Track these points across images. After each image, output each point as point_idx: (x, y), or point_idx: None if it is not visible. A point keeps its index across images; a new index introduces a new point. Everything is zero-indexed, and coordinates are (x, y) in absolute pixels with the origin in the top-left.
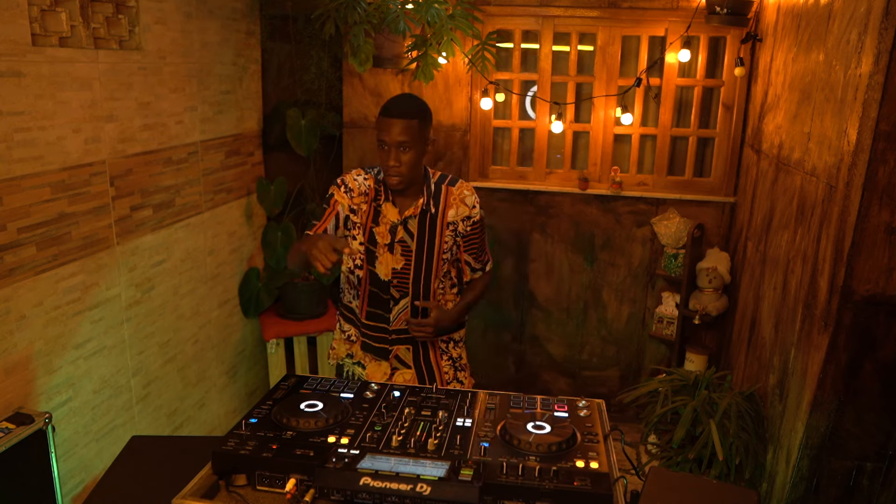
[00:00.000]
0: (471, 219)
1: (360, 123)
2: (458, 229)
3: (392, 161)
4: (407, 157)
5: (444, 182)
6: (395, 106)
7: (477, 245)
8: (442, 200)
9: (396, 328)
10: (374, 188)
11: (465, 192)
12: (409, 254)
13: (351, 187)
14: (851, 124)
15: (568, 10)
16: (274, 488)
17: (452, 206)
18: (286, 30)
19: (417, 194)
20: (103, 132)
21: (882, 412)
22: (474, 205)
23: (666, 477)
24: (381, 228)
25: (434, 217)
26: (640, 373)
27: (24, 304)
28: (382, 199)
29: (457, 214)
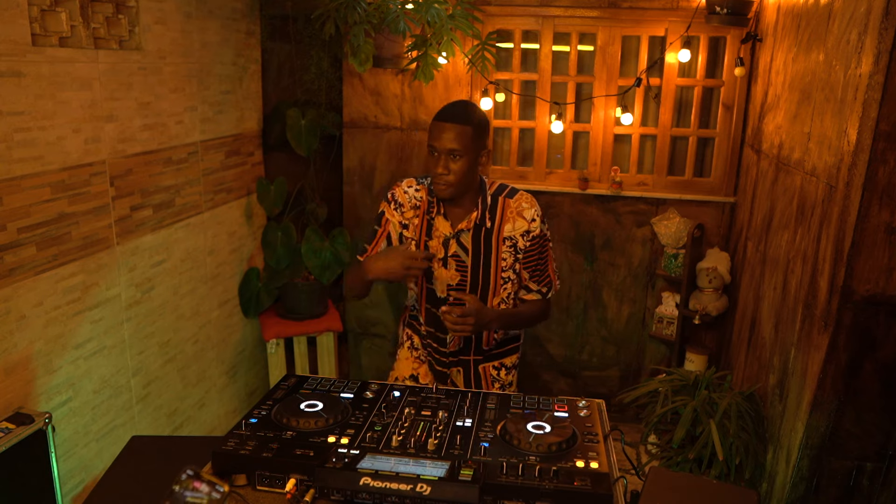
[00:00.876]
0: (530, 233)
1: (360, 123)
2: (517, 245)
3: (441, 168)
4: (457, 165)
5: (501, 193)
6: (449, 111)
7: (533, 263)
8: (498, 214)
9: (454, 350)
10: (427, 199)
11: (524, 204)
12: (465, 269)
13: (401, 201)
14: (851, 124)
15: (568, 10)
16: (274, 488)
17: (510, 219)
18: (286, 30)
19: (471, 207)
20: (103, 132)
21: (882, 412)
22: (534, 218)
23: (666, 477)
24: (435, 242)
25: (490, 231)
26: (640, 373)
27: (24, 304)
28: (435, 212)
29: (514, 229)
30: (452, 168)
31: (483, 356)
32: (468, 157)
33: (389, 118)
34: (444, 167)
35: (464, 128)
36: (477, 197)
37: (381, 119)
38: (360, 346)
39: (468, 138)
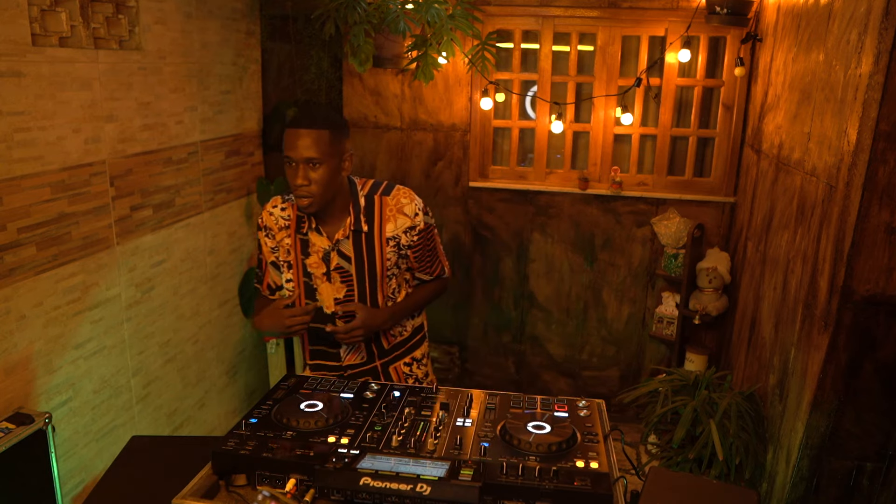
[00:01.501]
0: (415, 228)
1: (360, 123)
2: (400, 243)
3: (300, 179)
4: (318, 173)
5: (376, 192)
6: (302, 116)
7: (420, 254)
8: (376, 214)
9: (351, 363)
10: (296, 216)
11: (403, 199)
12: (350, 279)
13: (268, 225)
14: (851, 124)
15: (568, 10)
16: (274, 488)
17: (390, 218)
18: (286, 30)
19: (344, 213)
20: (103, 132)
21: (882, 412)
22: (416, 212)
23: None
24: (313, 259)
25: (370, 235)
26: (640, 373)
27: (24, 304)
28: (307, 228)
29: (396, 227)
30: (313, 177)
31: (388, 356)
32: (329, 164)
33: (389, 118)
34: (304, 177)
35: (320, 132)
36: (348, 202)
37: (381, 119)
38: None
39: (326, 143)
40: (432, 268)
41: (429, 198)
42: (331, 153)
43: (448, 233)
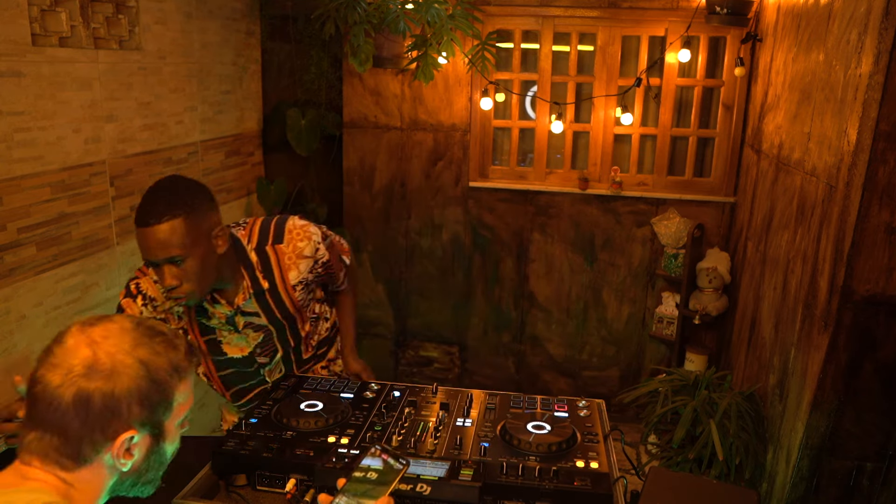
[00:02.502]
0: (318, 262)
1: (360, 123)
2: (308, 281)
3: (169, 281)
4: (185, 268)
5: (267, 243)
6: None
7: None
8: (274, 267)
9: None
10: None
11: (300, 244)
12: (264, 327)
13: (152, 296)
14: (851, 124)
15: (568, 10)
16: (274, 488)
17: (291, 267)
18: (286, 30)
19: (238, 276)
20: (103, 132)
21: (882, 412)
22: (316, 248)
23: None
24: (215, 321)
25: (273, 290)
26: (640, 373)
27: (24, 304)
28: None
29: (301, 272)
30: (182, 275)
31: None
32: (195, 253)
33: (389, 118)
34: (172, 277)
35: (171, 225)
36: (238, 266)
37: (381, 119)
38: (360, 346)
39: (183, 234)
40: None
41: (429, 198)
42: (193, 241)
43: (448, 233)
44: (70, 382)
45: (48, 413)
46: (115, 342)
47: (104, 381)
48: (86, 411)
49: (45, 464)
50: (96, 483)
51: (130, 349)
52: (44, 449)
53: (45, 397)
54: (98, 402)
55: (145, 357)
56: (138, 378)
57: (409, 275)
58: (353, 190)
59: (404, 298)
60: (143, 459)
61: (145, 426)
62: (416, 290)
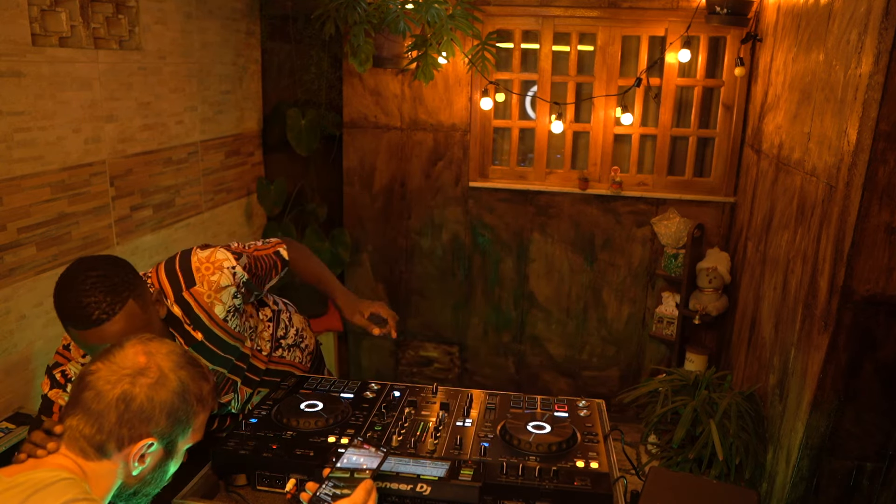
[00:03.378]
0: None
1: (360, 123)
2: (238, 306)
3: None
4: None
5: (181, 290)
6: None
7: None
8: (199, 312)
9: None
10: None
11: (212, 278)
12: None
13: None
14: (851, 124)
15: (568, 10)
16: (274, 488)
17: (214, 303)
18: (286, 30)
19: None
20: (103, 132)
21: (882, 412)
22: (233, 273)
23: (666, 477)
24: None
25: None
26: (640, 373)
27: (24, 304)
28: None
29: (225, 304)
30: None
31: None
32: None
33: (389, 118)
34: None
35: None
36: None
37: (381, 119)
38: (360, 346)
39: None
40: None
41: (429, 198)
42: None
43: (448, 233)
44: (119, 380)
45: (93, 402)
46: (166, 357)
47: (149, 387)
48: (125, 409)
49: (70, 449)
50: (106, 480)
51: (175, 368)
52: (74, 435)
53: (94, 388)
54: (137, 404)
55: (185, 378)
56: (175, 393)
57: (409, 275)
58: (353, 190)
59: (404, 298)
60: (151, 470)
61: (164, 439)
62: (416, 290)
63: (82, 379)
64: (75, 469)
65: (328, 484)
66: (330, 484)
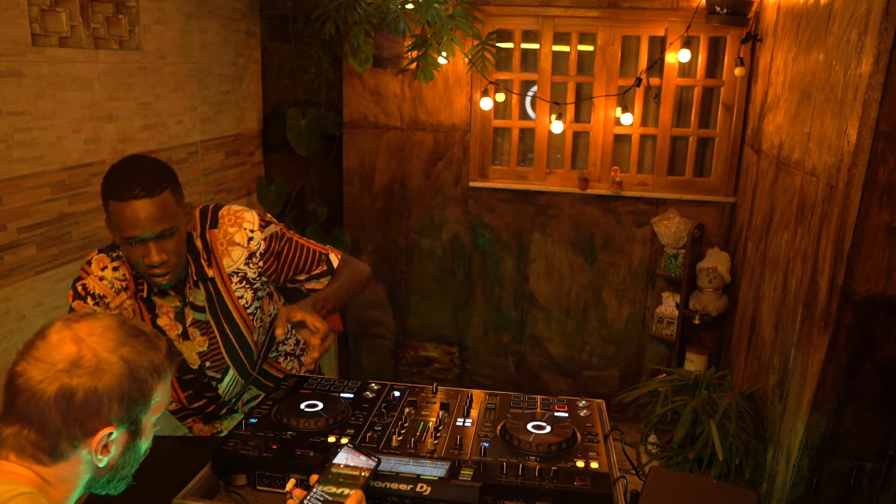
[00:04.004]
0: (255, 254)
1: (360, 123)
2: (247, 276)
3: (155, 257)
4: (172, 243)
5: (206, 229)
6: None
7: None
8: (212, 254)
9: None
10: (132, 276)
11: (230, 229)
12: (210, 330)
13: (101, 293)
14: (851, 124)
15: (568, 10)
16: (274, 488)
17: (225, 254)
18: (286, 30)
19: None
20: (103, 132)
21: (882, 412)
22: (250, 236)
23: (666, 477)
24: (165, 320)
25: (214, 279)
26: (640, 373)
27: (24, 304)
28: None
29: (234, 261)
30: (169, 248)
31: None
32: (181, 227)
33: (389, 118)
34: (160, 252)
35: (163, 197)
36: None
37: (381, 119)
38: (361, 346)
39: (172, 206)
40: (310, 263)
41: (429, 198)
42: (179, 213)
43: (448, 233)
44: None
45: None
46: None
47: (88, 377)
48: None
49: (21, 458)
50: (71, 479)
51: (115, 347)
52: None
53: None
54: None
55: (128, 356)
56: (121, 376)
57: (409, 275)
58: (353, 190)
59: (404, 298)
60: (120, 456)
61: (123, 423)
62: (416, 290)
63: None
64: (33, 478)
65: (316, 491)
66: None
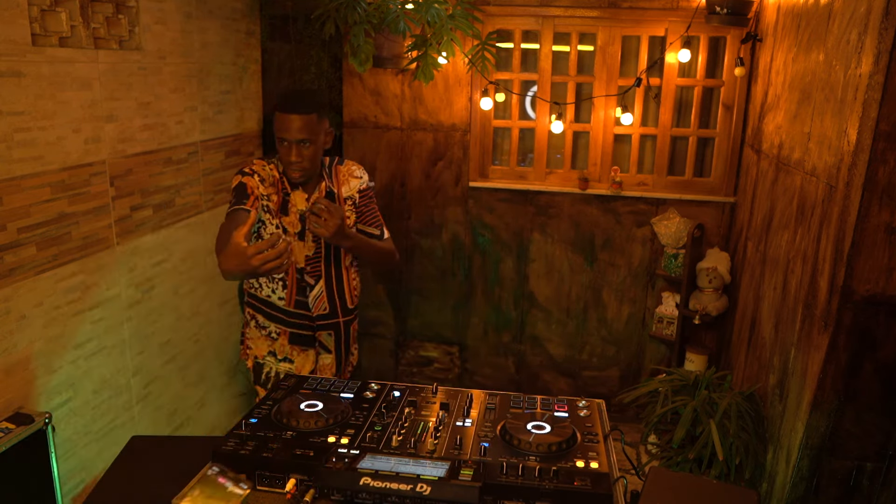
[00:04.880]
0: (360, 187)
1: (360, 123)
2: (356, 202)
3: (294, 157)
4: (308, 151)
5: (333, 164)
6: (291, 101)
7: (371, 212)
8: (335, 180)
9: (318, 314)
10: (280, 177)
11: (353, 167)
12: (319, 238)
13: (263, 176)
14: (851, 124)
15: (568, 10)
16: (274, 488)
17: (345, 182)
18: (286, 30)
19: (319, 179)
20: (103, 132)
21: (882, 412)
22: (361, 175)
23: (666, 477)
24: (291, 218)
25: (336, 196)
26: (640, 373)
27: (24, 304)
28: (290, 188)
29: (350, 189)
30: (305, 154)
31: (349, 315)
32: (316, 142)
33: (389, 118)
34: (297, 155)
35: (309, 117)
36: (321, 170)
37: (381, 119)
38: (361, 346)
39: (314, 125)
40: (373, 220)
41: (429, 198)
42: (318, 132)
43: (448, 233)
44: None
45: None
46: None
47: None
48: None
49: None
50: None
51: None
52: None
53: None
54: None
55: None
56: None
57: (410, 275)
58: None
59: (404, 298)
60: None
61: None
62: (416, 290)
63: None
64: None
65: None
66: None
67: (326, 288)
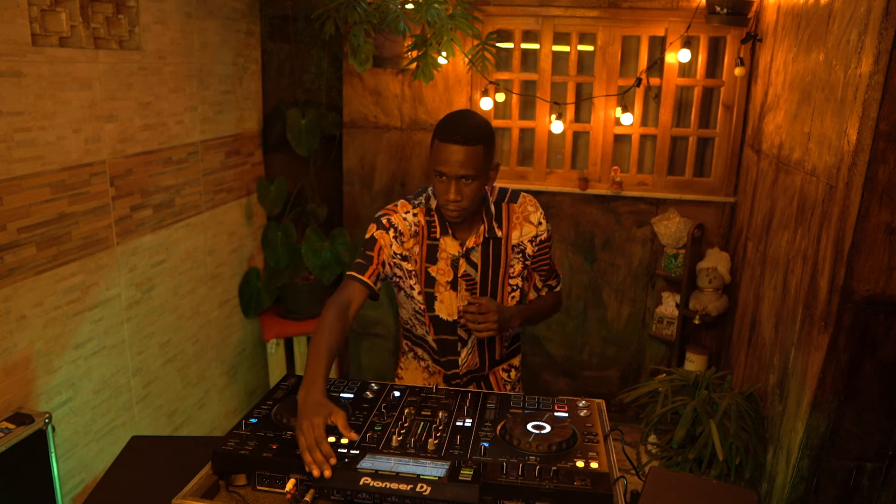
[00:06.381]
0: (538, 237)
1: (360, 123)
2: (525, 251)
3: (453, 195)
4: (470, 188)
5: (504, 200)
6: (455, 129)
7: (546, 266)
8: (504, 221)
9: (468, 370)
10: (426, 221)
11: (530, 208)
12: (475, 287)
13: (402, 230)
14: (851, 124)
15: (568, 10)
16: (274, 488)
17: (517, 226)
18: (286, 30)
19: (478, 220)
20: (103, 132)
21: (882, 412)
22: (540, 221)
23: (666, 477)
24: (441, 265)
25: (498, 242)
26: (640, 373)
27: (24, 304)
28: (439, 233)
29: (522, 235)
30: (465, 192)
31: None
32: (481, 179)
33: (389, 118)
34: (457, 193)
35: (475, 149)
36: (482, 209)
37: (381, 119)
38: (360, 346)
39: (480, 159)
40: (550, 275)
41: None
42: (484, 168)
43: None
44: None
45: None
46: None
47: None
48: None
49: None
50: None
51: None
52: None
53: None
54: None
55: None
56: None
57: None
58: (353, 190)
59: None
60: None
61: None
62: None
63: None
64: None
65: None
66: None
67: (478, 345)
